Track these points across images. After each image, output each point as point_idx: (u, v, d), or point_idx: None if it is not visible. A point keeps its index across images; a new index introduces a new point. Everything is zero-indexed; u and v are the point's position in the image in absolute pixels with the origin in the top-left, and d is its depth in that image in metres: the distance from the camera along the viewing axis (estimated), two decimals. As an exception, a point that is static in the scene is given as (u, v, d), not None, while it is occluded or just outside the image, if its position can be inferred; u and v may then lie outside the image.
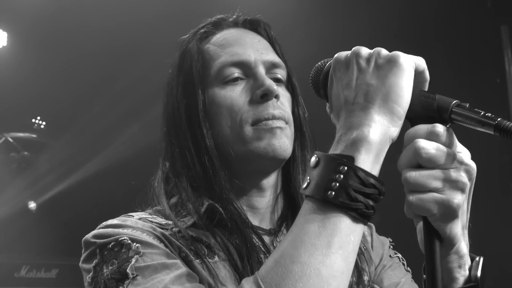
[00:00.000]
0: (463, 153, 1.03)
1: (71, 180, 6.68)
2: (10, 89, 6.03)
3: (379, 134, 1.00)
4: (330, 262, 0.97)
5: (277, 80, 1.41)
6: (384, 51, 1.05)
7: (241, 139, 1.34)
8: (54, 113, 6.62)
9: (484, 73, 5.18)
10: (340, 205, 0.98)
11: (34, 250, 6.29)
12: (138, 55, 5.50)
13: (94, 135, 6.22)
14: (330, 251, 0.97)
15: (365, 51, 1.06)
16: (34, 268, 6.26)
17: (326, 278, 0.96)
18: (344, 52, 1.10)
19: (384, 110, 1.01)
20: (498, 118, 0.94)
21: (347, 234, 0.99)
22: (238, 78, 1.38)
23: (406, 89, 1.01)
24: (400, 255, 1.51)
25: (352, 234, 0.99)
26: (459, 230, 1.05)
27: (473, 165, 1.03)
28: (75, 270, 1.28)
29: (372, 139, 1.00)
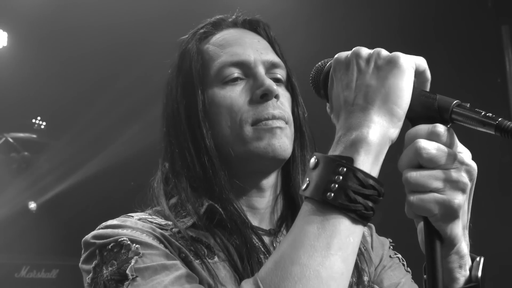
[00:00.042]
0: (464, 153, 1.03)
1: (72, 180, 6.67)
2: (10, 89, 6.02)
3: (378, 135, 1.00)
4: (329, 264, 0.97)
5: (276, 80, 1.41)
6: (384, 52, 1.04)
7: (241, 139, 1.34)
8: (54, 113, 6.61)
9: (484, 73, 5.18)
10: (339, 206, 0.98)
11: (35, 250, 6.28)
12: (138, 55, 5.49)
13: (95, 136, 6.21)
14: (329, 253, 0.97)
15: (365, 52, 1.06)
16: (35, 268, 6.24)
17: (326, 279, 0.96)
18: (344, 52, 1.09)
19: (383, 111, 1.01)
20: (499, 118, 0.94)
21: (347, 236, 0.98)
22: (237, 78, 1.37)
23: (405, 90, 1.01)
24: (400, 256, 1.51)
25: (351, 236, 0.99)
26: (460, 231, 1.05)
27: (474, 165, 1.02)
28: (76, 270, 1.27)
29: (371, 140, 1.00)
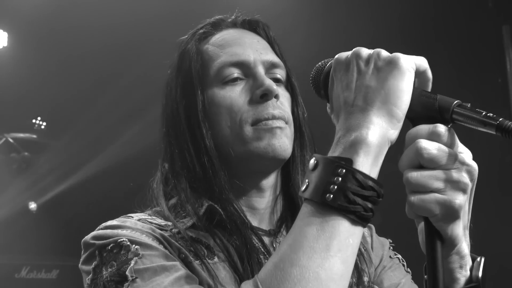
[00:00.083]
0: (465, 153, 1.03)
1: (72, 180, 6.67)
2: (11, 89, 6.02)
3: (378, 136, 1.00)
4: (329, 265, 0.97)
5: (276, 80, 1.40)
6: (384, 53, 1.04)
7: (241, 139, 1.33)
8: (54, 113, 6.61)
9: (485, 73, 5.17)
10: (338, 208, 0.98)
11: (35, 251, 6.28)
12: (138, 56, 5.49)
13: (95, 136, 6.20)
14: (329, 254, 0.97)
15: (365, 53, 1.06)
16: (35, 269, 6.24)
17: (325, 281, 0.96)
18: (345, 53, 1.09)
19: (383, 113, 1.00)
20: (500, 118, 0.94)
21: (346, 237, 0.98)
22: (237, 78, 1.37)
23: (405, 91, 1.01)
24: (400, 256, 1.50)
25: (351, 237, 0.99)
26: (461, 231, 1.05)
27: (474, 165, 1.02)
28: (76, 271, 1.27)
29: (370, 142, 0.99)
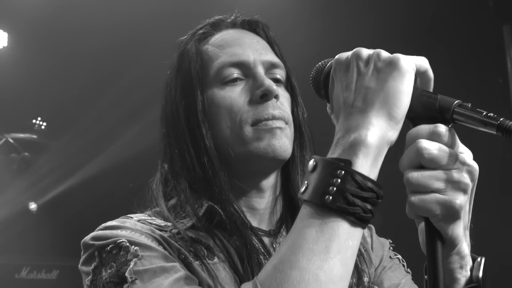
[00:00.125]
0: (465, 153, 1.03)
1: (72, 181, 6.67)
2: (11, 89, 6.02)
3: (377, 137, 1.00)
4: (328, 267, 0.96)
5: (276, 80, 1.40)
6: (384, 54, 1.03)
7: (241, 140, 1.33)
8: (54, 114, 6.61)
9: (486, 73, 5.18)
10: (337, 209, 0.97)
11: (35, 251, 6.28)
12: (138, 56, 5.49)
13: (95, 136, 6.20)
14: (328, 256, 0.96)
15: (365, 53, 1.05)
16: (35, 269, 6.24)
17: (325, 283, 0.95)
18: (345, 53, 1.09)
19: (382, 114, 1.00)
20: (501, 118, 0.94)
21: (346, 239, 0.98)
22: (237, 79, 1.37)
23: (405, 93, 1.00)
24: (400, 257, 1.50)
25: (350, 239, 0.98)
26: (461, 231, 1.05)
27: (475, 165, 1.02)
28: (76, 271, 1.27)
29: (369, 143, 0.99)
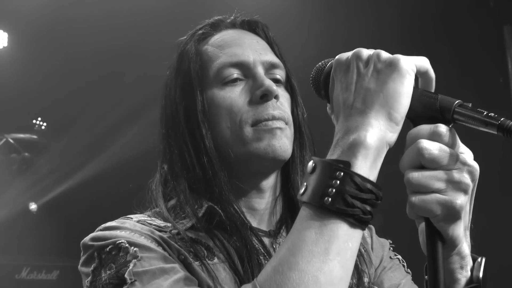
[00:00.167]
0: (466, 153, 1.03)
1: (72, 181, 6.67)
2: (11, 90, 6.02)
3: (376, 139, 0.99)
4: (328, 269, 0.96)
5: (276, 80, 1.40)
6: (384, 55, 1.03)
7: (240, 140, 1.33)
8: (55, 114, 6.61)
9: (486, 73, 5.17)
10: (336, 211, 0.97)
11: (35, 251, 6.29)
12: (138, 56, 5.49)
13: (95, 136, 6.21)
14: (328, 258, 0.96)
15: (365, 54, 1.05)
16: (35, 269, 6.25)
17: (324, 285, 0.95)
18: (345, 53, 1.08)
19: (381, 115, 1.00)
20: (501, 118, 0.94)
21: (345, 241, 0.97)
22: (237, 79, 1.36)
23: (404, 94, 1.00)
24: (400, 257, 1.50)
25: (350, 240, 0.98)
26: (462, 231, 1.05)
27: (476, 166, 1.02)
28: (76, 271, 1.26)
29: (369, 144, 0.99)
